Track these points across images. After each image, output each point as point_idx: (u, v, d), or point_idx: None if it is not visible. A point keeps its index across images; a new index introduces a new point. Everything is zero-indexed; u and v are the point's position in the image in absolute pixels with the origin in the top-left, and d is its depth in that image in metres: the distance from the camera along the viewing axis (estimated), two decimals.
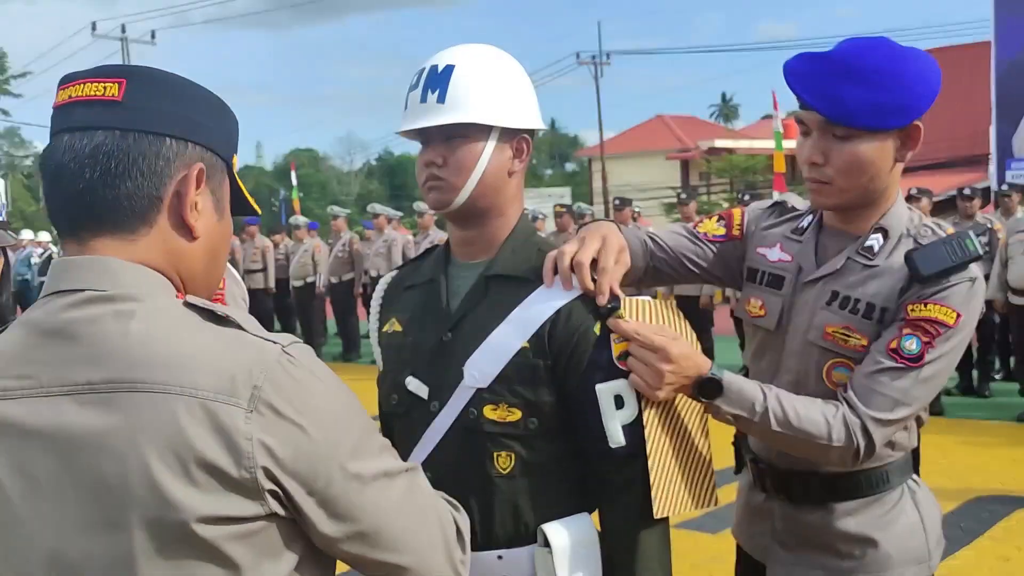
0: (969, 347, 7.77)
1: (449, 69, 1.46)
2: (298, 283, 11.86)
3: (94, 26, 29.56)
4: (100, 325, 0.92)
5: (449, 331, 1.48)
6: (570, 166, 65.76)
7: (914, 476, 1.72)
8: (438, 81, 1.46)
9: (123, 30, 30.07)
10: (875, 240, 1.62)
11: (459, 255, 1.56)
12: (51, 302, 0.96)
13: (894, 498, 1.67)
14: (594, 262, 1.44)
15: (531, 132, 1.52)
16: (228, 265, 2.37)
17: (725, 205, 26.90)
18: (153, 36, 30.64)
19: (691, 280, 1.82)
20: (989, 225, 6.92)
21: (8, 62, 37.42)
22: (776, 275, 1.71)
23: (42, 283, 2.73)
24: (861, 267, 1.61)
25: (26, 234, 18.27)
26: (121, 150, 0.96)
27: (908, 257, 1.56)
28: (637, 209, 11.52)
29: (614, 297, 1.42)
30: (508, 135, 1.48)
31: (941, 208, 11.38)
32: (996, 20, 12.23)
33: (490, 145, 1.46)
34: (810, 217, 1.73)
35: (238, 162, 1.12)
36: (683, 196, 9.08)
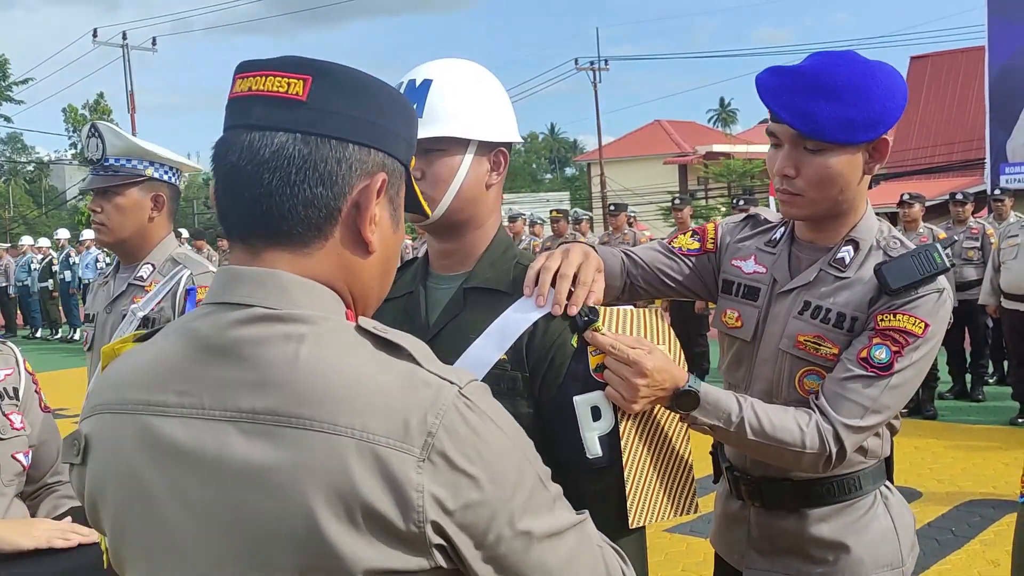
0: (963, 351, 7.80)
1: (427, 83, 1.49)
2: None
3: (95, 33, 29.62)
4: (268, 347, 0.87)
5: (427, 344, 1.51)
6: (570, 171, 65.75)
7: (887, 483, 1.76)
8: (416, 95, 1.48)
9: (124, 37, 30.11)
10: (846, 252, 1.66)
11: (437, 267, 1.59)
12: (218, 315, 0.90)
13: (866, 504, 1.70)
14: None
15: (508, 145, 1.55)
16: None
17: (723, 209, 26.97)
18: (154, 43, 30.70)
19: (668, 295, 1.85)
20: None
21: (10, 68, 37.47)
22: (751, 287, 1.74)
23: (43, 288, 2.77)
24: (833, 278, 1.64)
25: (26, 240, 18.28)
26: (302, 156, 0.89)
27: (877, 270, 1.59)
28: (633, 213, 11.55)
29: (591, 309, 1.43)
30: (485, 148, 1.51)
31: (935, 213, 11.41)
32: (989, 25, 12.29)
33: (467, 158, 1.49)
34: (782, 229, 1.76)
35: None
36: (677, 201, 9.11)
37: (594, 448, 1.41)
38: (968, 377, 7.75)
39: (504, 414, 0.92)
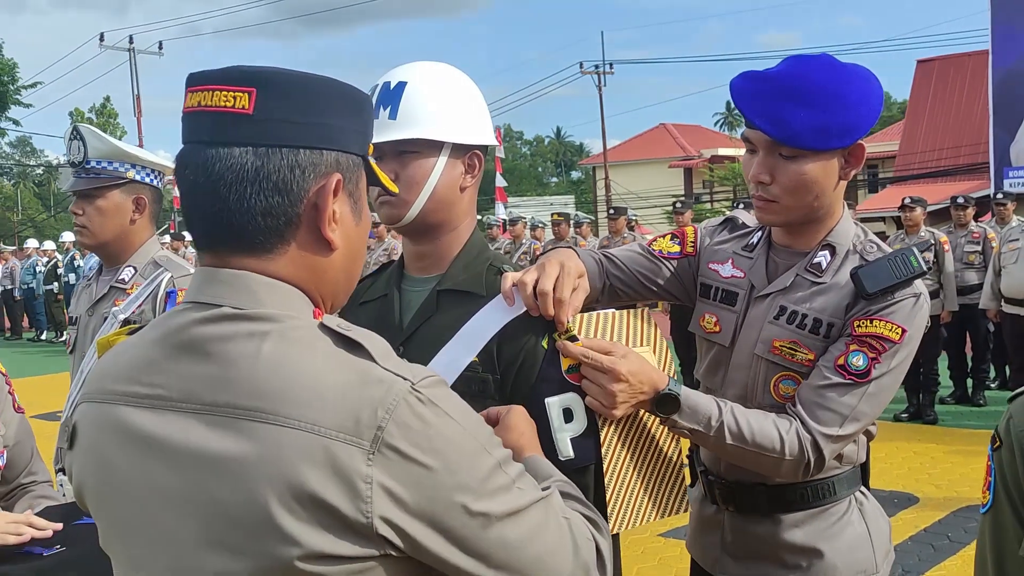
0: (964, 356, 7.77)
1: (401, 86, 1.49)
2: None
3: (102, 37, 29.77)
4: (232, 344, 0.91)
5: (401, 346, 1.51)
6: (576, 174, 65.78)
7: (862, 489, 1.74)
8: (390, 98, 1.49)
9: (131, 41, 30.26)
10: (823, 257, 1.64)
11: (412, 270, 1.59)
12: (189, 313, 0.95)
13: (841, 510, 1.69)
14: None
15: (483, 148, 1.55)
16: None
17: (728, 213, 26.89)
18: (160, 47, 30.85)
19: (648, 298, 1.84)
20: (932, 241, 6.93)
21: (19, 72, 37.61)
22: (729, 291, 1.73)
23: (48, 291, 2.78)
24: (809, 283, 1.63)
25: (31, 243, 18.37)
26: (255, 168, 0.93)
27: (854, 274, 1.58)
28: (634, 216, 11.54)
29: None
30: (460, 151, 1.51)
31: (941, 217, 11.37)
32: (993, 28, 12.25)
33: (441, 161, 1.49)
34: (759, 233, 1.75)
35: None
36: (679, 205, 9.10)
37: (566, 450, 1.40)
38: (969, 382, 7.72)
39: (461, 405, 0.95)
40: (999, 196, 8.33)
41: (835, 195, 1.63)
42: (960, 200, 7.68)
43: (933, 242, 6.99)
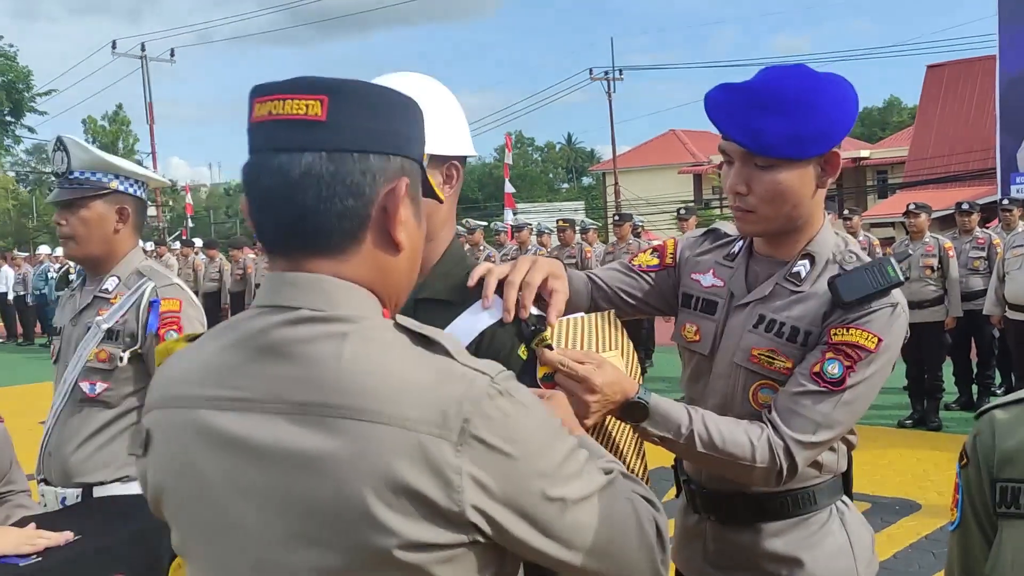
0: (969, 362, 7.72)
1: None
2: None
3: (114, 44, 30.01)
4: (315, 346, 0.94)
5: None
6: (587, 180, 65.72)
7: (844, 498, 1.75)
8: None
9: (143, 48, 30.49)
10: (802, 266, 1.65)
11: None
12: (265, 316, 0.98)
13: (821, 519, 1.69)
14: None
15: (462, 159, 1.57)
16: (184, 287, 2.43)
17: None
18: (172, 54, 31.06)
19: (631, 313, 1.85)
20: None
21: (33, 80, 37.97)
22: (709, 300, 1.75)
23: (60, 296, 2.79)
24: (788, 292, 1.64)
25: (43, 249, 18.50)
26: (329, 173, 0.96)
27: (831, 283, 1.59)
28: (640, 222, 11.55)
29: (539, 318, 1.43)
30: (437, 161, 1.51)
31: (947, 223, 11.33)
32: (1000, 33, 12.19)
33: None
34: (740, 243, 1.76)
35: None
36: (682, 212, 9.12)
37: None
38: (975, 387, 7.68)
39: (533, 398, 1.01)
40: (1005, 202, 8.30)
41: (814, 203, 1.64)
42: (965, 206, 7.66)
43: (939, 248, 6.98)
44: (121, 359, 2.28)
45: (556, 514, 0.97)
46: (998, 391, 7.95)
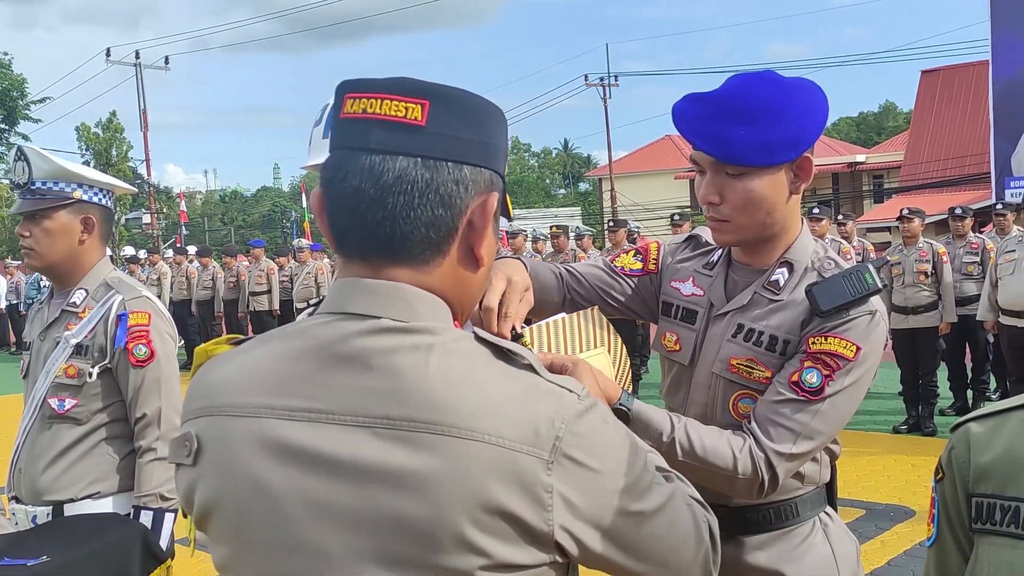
0: (964, 367, 7.71)
1: None
2: (301, 305, 11.94)
3: (108, 52, 30.03)
4: (399, 357, 0.90)
5: None
6: (583, 186, 65.85)
7: (827, 509, 1.72)
8: None
9: (137, 56, 30.51)
10: (780, 274, 1.63)
11: None
12: (341, 324, 0.94)
13: (804, 531, 1.67)
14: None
15: None
16: (154, 298, 2.40)
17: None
18: (167, 61, 31.08)
19: (610, 314, 1.83)
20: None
21: (28, 88, 37.92)
22: (689, 309, 1.72)
23: (28, 311, 2.77)
24: (767, 301, 1.62)
25: None
26: (424, 180, 0.93)
27: (808, 292, 1.57)
28: (637, 227, 11.56)
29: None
30: None
31: (942, 228, 11.33)
32: (993, 38, 12.22)
33: None
34: (720, 252, 1.74)
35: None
36: (677, 217, 9.11)
37: None
38: (970, 393, 7.67)
39: (609, 413, 0.99)
40: (999, 206, 8.30)
41: (788, 210, 1.61)
42: (958, 211, 7.66)
43: (932, 254, 6.97)
44: (90, 375, 2.24)
45: (634, 528, 0.96)
46: (993, 396, 7.94)
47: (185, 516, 1.05)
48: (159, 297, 5.21)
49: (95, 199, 2.32)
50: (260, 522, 0.92)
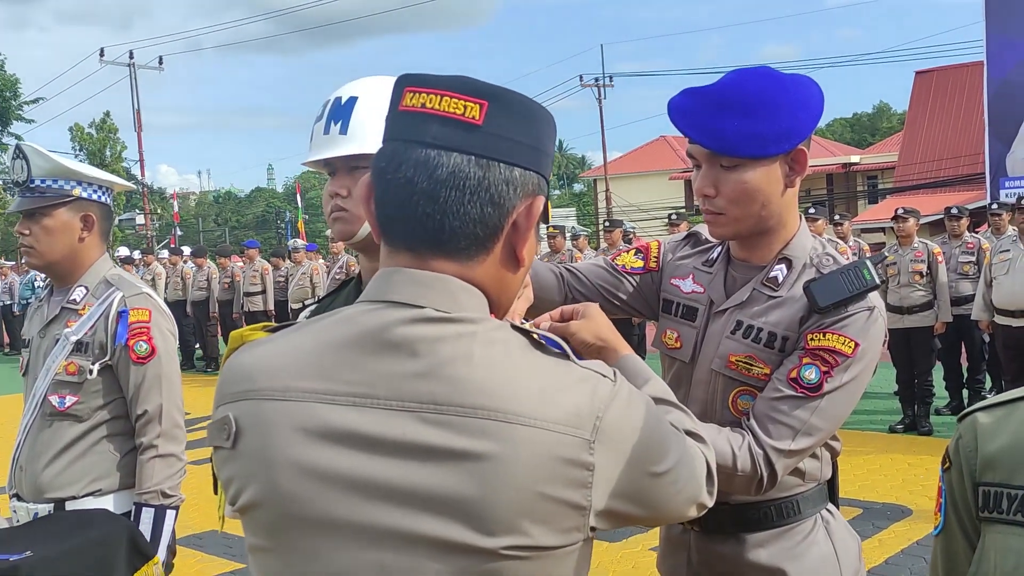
0: (959, 367, 7.73)
1: (352, 101, 1.49)
2: (296, 305, 11.93)
3: (102, 52, 29.96)
4: (444, 345, 0.93)
5: None
6: (578, 187, 65.88)
7: (829, 507, 1.72)
8: (341, 113, 1.49)
9: (131, 56, 30.45)
10: (779, 271, 1.63)
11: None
12: (384, 312, 0.95)
13: (806, 529, 1.67)
14: None
15: None
16: (154, 294, 2.39)
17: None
18: (160, 62, 31.03)
19: (612, 313, 1.83)
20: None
21: (21, 88, 37.79)
22: (690, 307, 1.72)
23: (27, 309, 2.75)
24: (766, 297, 1.62)
25: None
26: (477, 177, 0.95)
27: (806, 288, 1.57)
28: (632, 228, 11.55)
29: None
30: None
31: (936, 228, 11.36)
32: (987, 39, 12.26)
33: None
34: (719, 249, 1.74)
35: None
36: (674, 217, 9.12)
37: None
38: (965, 392, 7.68)
39: (636, 390, 1.03)
40: (994, 206, 8.33)
41: (784, 204, 1.61)
42: (954, 211, 7.68)
43: (928, 254, 6.99)
44: (91, 371, 2.23)
45: (655, 486, 1.00)
46: (989, 395, 7.96)
47: (215, 493, 1.04)
48: None
49: (94, 196, 2.31)
50: (303, 501, 0.93)
